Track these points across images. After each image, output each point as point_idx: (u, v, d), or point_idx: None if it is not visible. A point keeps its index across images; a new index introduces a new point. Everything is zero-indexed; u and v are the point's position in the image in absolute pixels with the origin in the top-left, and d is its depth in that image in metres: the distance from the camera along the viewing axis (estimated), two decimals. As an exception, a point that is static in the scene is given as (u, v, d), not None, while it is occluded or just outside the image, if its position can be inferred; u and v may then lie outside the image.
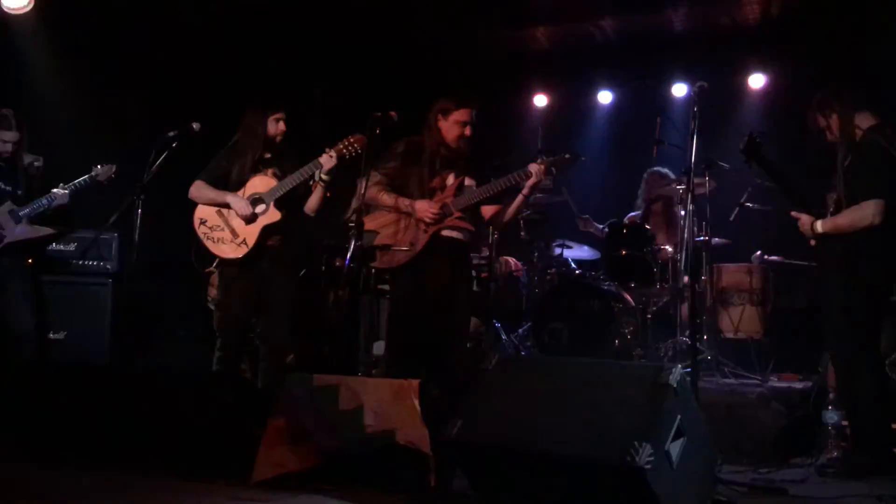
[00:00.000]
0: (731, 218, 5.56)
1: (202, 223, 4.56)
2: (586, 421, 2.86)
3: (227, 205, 4.50)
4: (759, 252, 5.89)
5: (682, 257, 3.66)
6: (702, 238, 5.41)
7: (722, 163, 5.33)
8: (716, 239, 5.75)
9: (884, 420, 3.83)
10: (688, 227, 3.86)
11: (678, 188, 5.84)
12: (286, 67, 7.18)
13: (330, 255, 5.95)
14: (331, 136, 4.51)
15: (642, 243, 5.75)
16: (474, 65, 7.68)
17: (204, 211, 4.57)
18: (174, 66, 6.49)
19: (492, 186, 4.23)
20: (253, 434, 3.46)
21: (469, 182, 4.34)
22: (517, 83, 8.16)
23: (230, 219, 4.52)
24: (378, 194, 4.28)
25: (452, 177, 4.33)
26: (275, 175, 4.56)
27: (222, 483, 3.34)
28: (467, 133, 4.28)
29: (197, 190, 4.58)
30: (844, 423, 4.02)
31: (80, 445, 3.70)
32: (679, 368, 2.89)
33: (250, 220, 4.48)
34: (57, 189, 5.00)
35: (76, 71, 6.13)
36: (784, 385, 4.78)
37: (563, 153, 4.24)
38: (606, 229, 6.07)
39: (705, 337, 5.43)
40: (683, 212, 5.05)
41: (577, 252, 6.62)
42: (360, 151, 4.26)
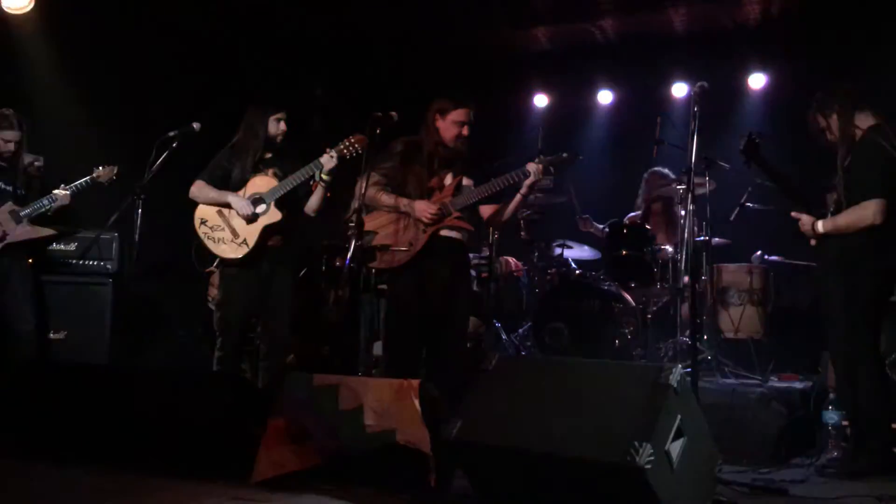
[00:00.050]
0: (732, 218, 5.55)
1: (203, 223, 4.56)
2: (586, 421, 2.85)
3: (229, 204, 4.50)
4: (760, 252, 5.88)
5: (683, 257, 3.65)
6: (702, 238, 5.40)
7: (722, 163, 5.32)
8: (716, 239, 5.74)
9: (884, 420, 3.83)
10: (688, 227, 3.86)
11: (678, 188, 5.84)
12: (287, 67, 7.19)
13: (330, 255, 5.95)
14: (331, 136, 4.51)
15: (642, 243, 5.75)
16: (474, 65, 7.68)
17: (204, 211, 4.58)
18: (174, 66, 6.49)
19: (490, 186, 4.22)
20: (253, 434, 3.46)
21: (467, 182, 4.33)
22: (517, 83, 8.16)
23: (231, 219, 4.53)
24: (376, 194, 4.26)
25: (450, 176, 4.32)
26: (275, 175, 4.57)
27: (222, 483, 3.34)
28: (465, 133, 4.27)
29: (198, 190, 4.58)
30: (844, 424, 4.02)
31: (80, 445, 3.70)
32: (679, 368, 2.88)
33: (251, 220, 4.48)
34: (58, 190, 5.00)
35: (76, 71, 6.13)
36: (784, 385, 4.77)
37: (562, 153, 4.24)
38: (607, 229, 6.07)
39: (705, 337, 5.42)
40: (683, 212, 5.04)
41: (578, 252, 6.62)
42: (361, 152, 4.26)
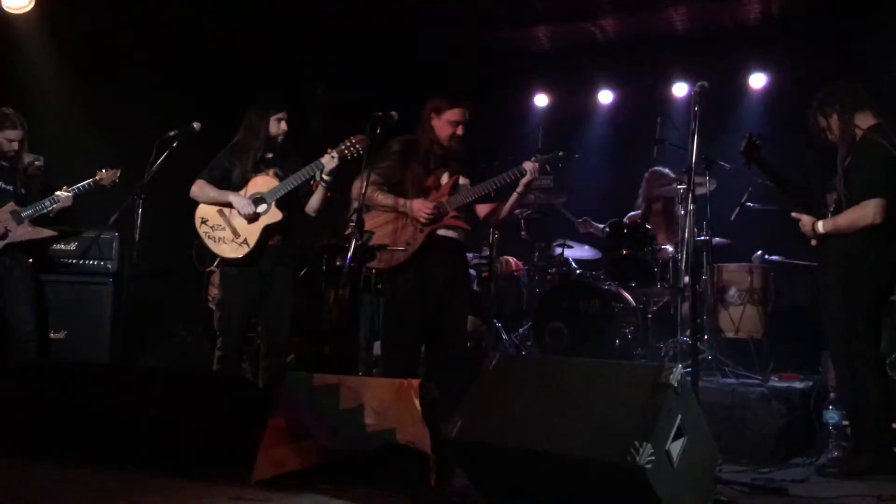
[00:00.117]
0: (732, 218, 5.55)
1: (203, 222, 4.56)
2: (587, 420, 2.85)
3: (230, 204, 4.50)
4: (760, 252, 5.88)
5: (683, 257, 3.64)
6: (702, 238, 5.40)
7: (722, 162, 5.32)
8: (716, 239, 5.74)
9: (884, 420, 3.83)
10: (688, 227, 3.85)
11: (678, 188, 5.83)
12: (288, 67, 7.19)
13: (330, 255, 5.95)
14: (332, 136, 4.51)
15: (643, 243, 5.74)
16: (475, 64, 7.68)
17: (205, 210, 4.57)
18: (175, 66, 6.49)
19: (487, 185, 4.23)
20: (253, 434, 3.46)
21: (464, 181, 4.34)
22: (518, 83, 8.16)
23: (231, 218, 4.53)
24: (373, 194, 4.26)
25: (447, 176, 4.32)
26: (276, 175, 4.57)
27: (222, 483, 3.34)
28: (459, 133, 4.28)
29: (198, 189, 4.58)
30: (845, 423, 4.02)
31: (80, 445, 3.70)
32: (679, 368, 2.88)
33: (252, 220, 4.48)
34: (60, 192, 5.00)
35: (77, 71, 6.13)
36: (784, 385, 4.76)
37: (558, 151, 4.25)
38: (607, 229, 6.07)
39: (706, 337, 5.42)
40: (684, 211, 5.04)
41: (578, 252, 6.62)
42: (362, 152, 4.26)
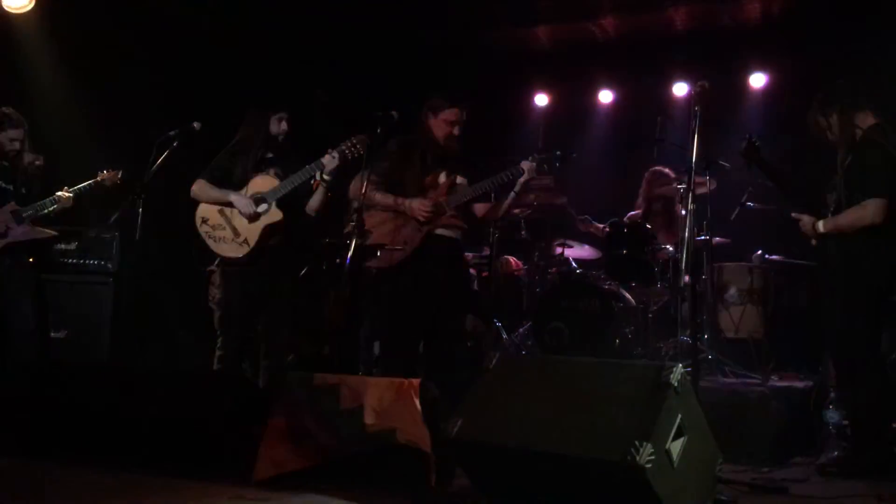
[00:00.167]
0: (732, 217, 5.54)
1: (204, 222, 4.56)
2: (587, 420, 2.85)
3: (230, 204, 4.50)
4: (760, 252, 5.87)
5: (683, 257, 3.64)
6: (702, 237, 5.40)
7: (723, 162, 5.32)
8: (716, 238, 5.74)
9: (884, 420, 3.83)
10: (688, 227, 3.85)
11: (679, 187, 5.83)
12: (288, 67, 7.18)
13: (330, 255, 5.94)
14: (333, 136, 4.51)
15: (643, 243, 5.74)
16: (475, 64, 7.68)
17: (206, 210, 4.57)
18: (175, 66, 6.49)
19: (485, 184, 4.24)
20: (253, 434, 3.46)
21: (461, 180, 4.34)
22: (518, 82, 8.15)
23: (232, 218, 4.53)
24: (372, 193, 4.26)
25: (444, 175, 4.33)
26: (277, 175, 4.56)
27: (222, 482, 3.34)
28: (456, 132, 4.29)
29: (199, 188, 4.58)
30: (845, 423, 4.03)
31: (81, 444, 3.70)
32: (680, 368, 2.88)
33: (252, 220, 4.48)
34: (61, 192, 5.00)
35: (77, 71, 6.13)
36: (784, 385, 4.76)
37: (556, 150, 4.26)
38: (607, 228, 6.07)
39: (706, 336, 5.42)
40: (684, 211, 5.04)
41: (578, 251, 6.61)
42: (363, 152, 4.27)
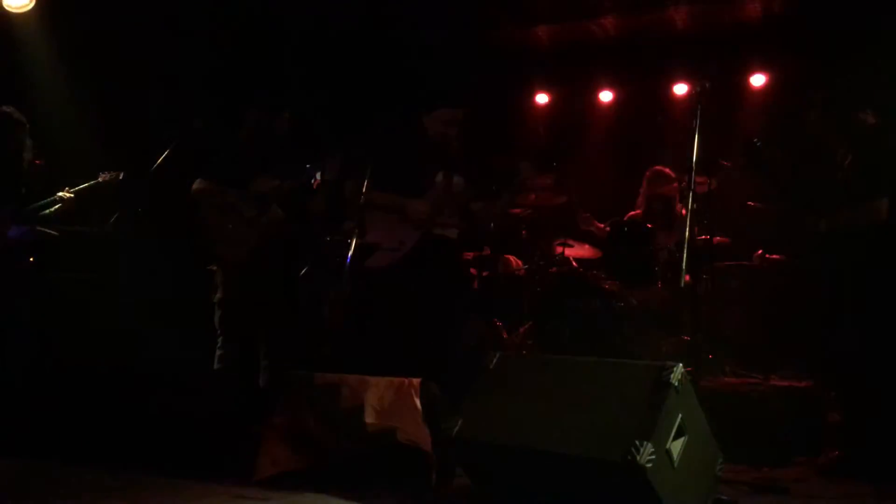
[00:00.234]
0: (733, 217, 5.54)
1: (204, 221, 4.56)
2: (587, 420, 2.85)
3: (231, 203, 4.50)
4: (761, 251, 5.87)
5: (683, 256, 3.64)
6: (703, 237, 5.39)
7: (723, 161, 5.31)
8: (717, 238, 5.73)
9: (884, 419, 3.82)
10: (689, 226, 3.85)
11: (679, 187, 5.83)
12: (288, 67, 7.18)
13: (330, 255, 5.94)
14: (333, 136, 4.51)
15: (643, 242, 5.74)
16: (475, 64, 7.67)
17: (206, 209, 4.57)
18: (175, 66, 6.49)
19: (483, 184, 4.29)
20: (253, 433, 3.46)
21: (458, 180, 4.34)
22: (518, 81, 8.15)
23: (232, 218, 4.52)
24: (370, 193, 4.25)
25: (441, 175, 4.32)
26: (277, 174, 4.56)
27: (222, 482, 3.34)
28: (452, 132, 4.28)
29: (199, 188, 4.58)
30: (845, 423, 4.02)
31: (80, 444, 3.70)
32: (680, 367, 2.88)
33: (253, 220, 4.48)
34: (63, 192, 5.00)
35: (78, 70, 6.13)
36: (784, 385, 4.76)
37: (553, 162, 4.31)
38: (608, 228, 6.07)
39: (706, 336, 5.41)
40: (684, 210, 5.03)
41: (579, 251, 6.61)
42: (363, 152, 4.26)
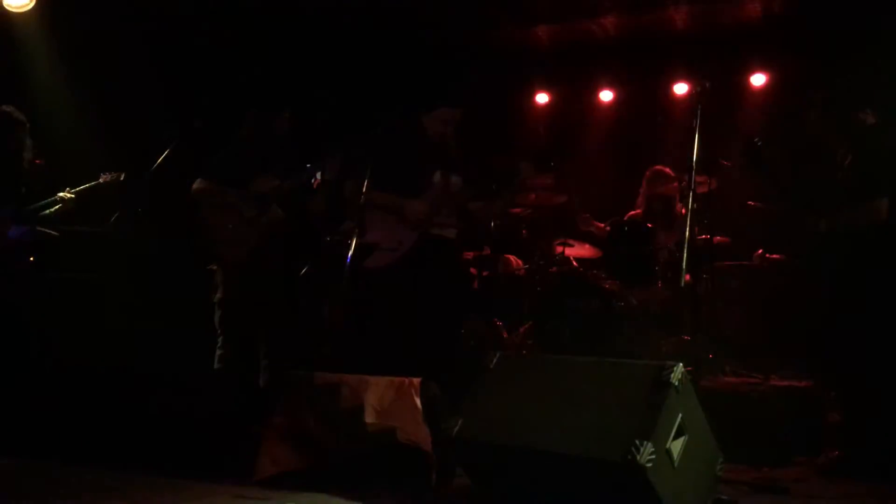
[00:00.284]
0: (733, 217, 5.54)
1: (204, 221, 4.56)
2: (587, 419, 2.85)
3: (231, 203, 4.50)
4: (761, 251, 5.87)
5: (683, 256, 3.64)
6: (703, 237, 5.39)
7: (723, 161, 5.31)
8: (717, 238, 5.73)
9: (884, 419, 3.82)
10: (689, 226, 3.85)
11: (679, 186, 5.83)
12: (288, 67, 7.18)
13: (330, 255, 5.94)
14: (333, 136, 4.51)
15: (643, 242, 5.74)
16: (475, 64, 7.68)
17: (206, 209, 4.57)
18: (175, 66, 6.49)
19: (482, 183, 4.27)
20: (253, 433, 3.46)
21: (455, 179, 4.34)
22: (518, 82, 8.15)
23: (233, 217, 4.53)
24: (369, 193, 4.24)
25: (439, 174, 4.32)
26: (277, 174, 4.56)
27: (223, 481, 3.34)
28: (450, 132, 4.28)
29: (199, 188, 4.58)
30: (845, 423, 4.01)
31: (80, 444, 3.70)
32: (680, 367, 2.88)
33: (253, 219, 4.48)
34: (63, 193, 5.00)
35: (78, 70, 6.13)
36: (784, 385, 4.76)
37: (550, 162, 4.31)
38: (608, 228, 6.07)
39: (706, 336, 5.42)
40: (685, 210, 5.04)
41: (579, 250, 6.61)
42: (363, 152, 4.26)
